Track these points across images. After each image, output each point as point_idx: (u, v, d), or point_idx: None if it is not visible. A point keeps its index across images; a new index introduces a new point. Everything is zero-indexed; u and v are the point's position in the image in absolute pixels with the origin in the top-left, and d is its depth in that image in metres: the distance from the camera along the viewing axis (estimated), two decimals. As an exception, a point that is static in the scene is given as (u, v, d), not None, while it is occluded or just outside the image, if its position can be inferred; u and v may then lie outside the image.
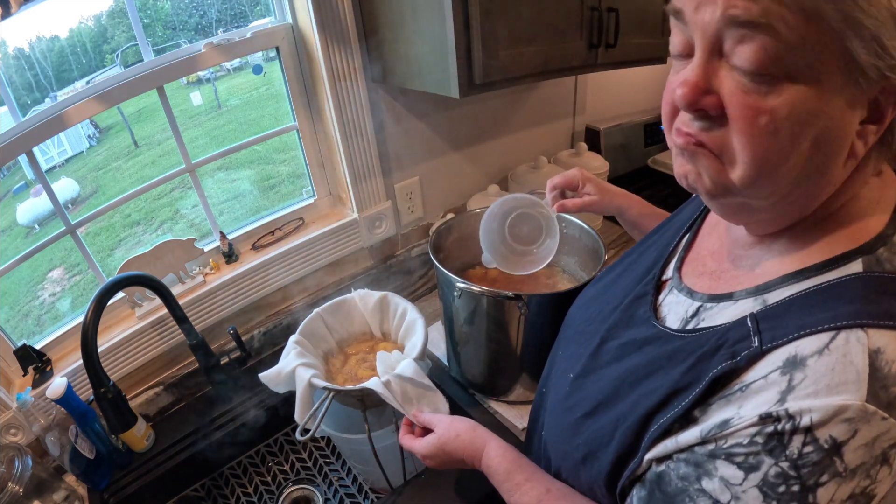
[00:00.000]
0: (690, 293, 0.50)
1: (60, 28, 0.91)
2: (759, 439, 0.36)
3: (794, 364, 0.36)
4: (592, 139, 1.65)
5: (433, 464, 0.72)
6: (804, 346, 0.37)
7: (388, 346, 0.99)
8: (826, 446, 0.34)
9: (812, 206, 0.42)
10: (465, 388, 1.07)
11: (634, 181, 1.77)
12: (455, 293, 0.90)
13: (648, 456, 0.44)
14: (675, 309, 0.51)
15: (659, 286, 0.56)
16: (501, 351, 0.95)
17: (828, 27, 0.32)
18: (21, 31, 0.86)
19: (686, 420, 0.42)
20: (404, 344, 0.94)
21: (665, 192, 1.77)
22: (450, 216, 1.35)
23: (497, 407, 1.02)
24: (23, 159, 0.90)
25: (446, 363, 1.12)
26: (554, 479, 0.59)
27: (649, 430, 0.44)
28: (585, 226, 1.01)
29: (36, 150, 0.89)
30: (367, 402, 0.84)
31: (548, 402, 0.63)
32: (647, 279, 0.57)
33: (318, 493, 1.11)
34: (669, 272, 0.56)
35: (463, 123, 1.34)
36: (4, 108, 0.86)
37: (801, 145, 0.36)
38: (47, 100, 0.92)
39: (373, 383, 0.77)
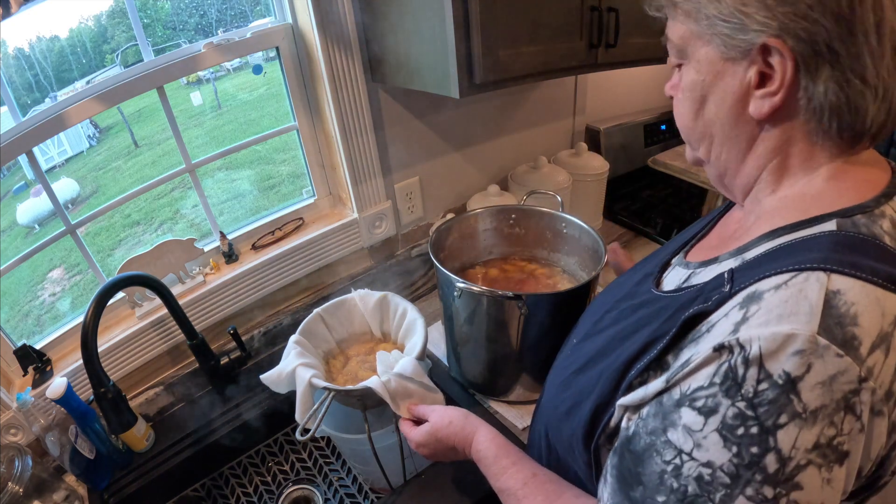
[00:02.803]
0: (687, 265, 0.53)
1: (60, 28, 0.91)
2: (717, 379, 0.37)
3: (751, 298, 0.38)
4: (592, 139, 1.65)
5: (427, 452, 0.73)
6: (765, 283, 0.38)
7: (388, 346, 0.99)
8: (780, 382, 0.34)
9: (747, 162, 0.48)
10: (465, 388, 1.07)
11: (634, 181, 1.77)
12: (455, 293, 0.90)
13: (620, 401, 0.45)
14: (673, 280, 0.54)
15: (666, 266, 0.59)
16: (501, 351, 0.95)
17: (684, 25, 0.48)
18: (21, 31, 0.86)
19: (659, 366, 0.43)
20: (404, 344, 0.94)
21: (665, 191, 1.77)
22: (450, 216, 1.35)
23: (497, 407, 1.02)
24: (23, 159, 0.90)
25: (446, 363, 1.12)
26: (541, 465, 0.60)
27: (627, 377, 0.45)
28: (585, 226, 1.01)
29: (36, 150, 0.89)
30: (367, 402, 0.84)
31: (552, 369, 0.65)
32: (661, 263, 0.60)
33: (318, 493, 1.11)
34: (679, 255, 0.59)
35: (463, 123, 1.33)
36: (4, 108, 0.86)
37: (694, 105, 0.49)
38: (47, 100, 0.92)
39: (373, 381, 0.77)
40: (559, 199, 1.12)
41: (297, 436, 0.78)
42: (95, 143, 1.14)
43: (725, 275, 0.42)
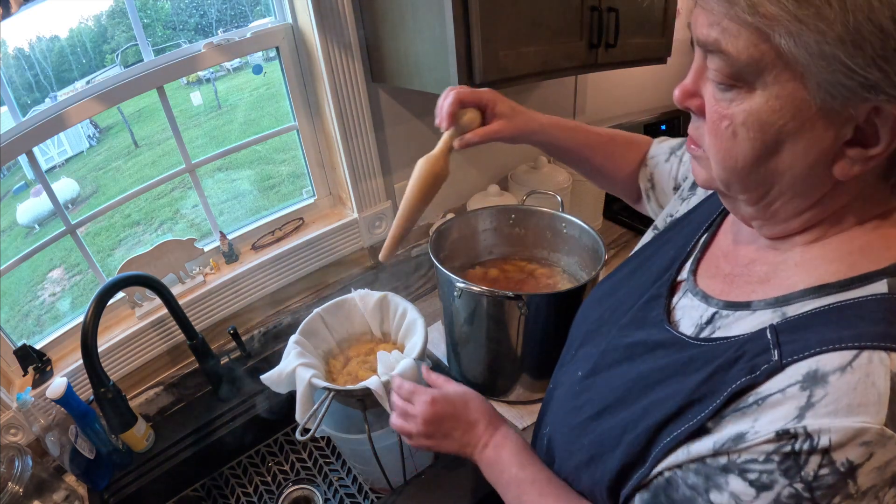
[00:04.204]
0: (706, 298, 0.50)
1: (60, 28, 0.91)
2: (776, 457, 0.36)
3: (814, 380, 0.36)
4: (592, 139, 1.65)
5: (438, 410, 0.67)
6: (826, 361, 0.36)
7: (388, 346, 0.99)
8: (842, 469, 0.34)
9: (803, 216, 0.43)
10: (465, 388, 1.07)
11: (634, 181, 1.76)
12: (455, 293, 0.90)
13: (659, 467, 0.44)
14: (689, 313, 0.50)
15: (673, 287, 0.55)
16: (501, 351, 0.95)
17: (775, 46, 0.35)
18: (21, 31, 0.86)
19: (699, 431, 0.41)
20: (404, 344, 0.94)
21: (665, 192, 1.77)
22: (450, 216, 1.35)
23: (497, 407, 1.01)
24: (23, 159, 0.90)
25: (446, 363, 1.12)
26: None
27: (660, 440, 0.43)
28: (585, 226, 1.01)
29: (36, 150, 0.89)
30: (367, 402, 0.84)
31: (555, 400, 0.63)
32: (662, 280, 0.56)
33: (318, 493, 1.11)
34: (685, 273, 0.55)
35: (463, 123, 1.33)
36: (4, 108, 0.86)
37: (762, 149, 0.39)
38: (47, 100, 0.92)
39: (372, 382, 0.77)
40: (559, 199, 1.12)
41: (297, 436, 0.78)
42: (95, 143, 1.14)
43: (769, 335, 0.40)
